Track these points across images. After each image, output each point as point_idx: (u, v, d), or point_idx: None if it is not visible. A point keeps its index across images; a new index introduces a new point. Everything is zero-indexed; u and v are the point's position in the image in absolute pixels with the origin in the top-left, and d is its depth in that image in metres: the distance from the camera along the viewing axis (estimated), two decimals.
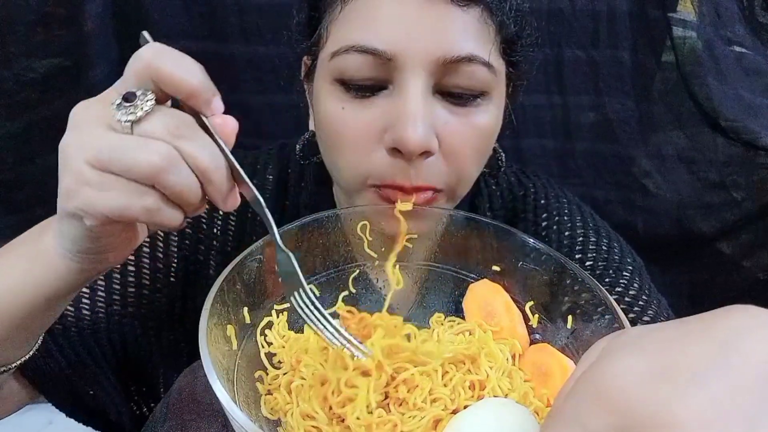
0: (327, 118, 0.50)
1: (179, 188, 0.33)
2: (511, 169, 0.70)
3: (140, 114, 0.33)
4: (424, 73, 0.46)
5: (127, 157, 0.32)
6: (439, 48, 0.46)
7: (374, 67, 0.47)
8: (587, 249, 0.59)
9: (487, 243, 0.50)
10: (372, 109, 0.48)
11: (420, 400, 0.39)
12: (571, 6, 0.84)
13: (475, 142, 0.50)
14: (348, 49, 0.47)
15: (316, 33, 0.52)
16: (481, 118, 0.50)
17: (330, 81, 0.49)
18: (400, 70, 0.46)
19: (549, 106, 0.91)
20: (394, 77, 0.47)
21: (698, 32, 0.82)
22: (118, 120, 0.33)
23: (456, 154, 0.49)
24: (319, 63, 0.52)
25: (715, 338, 0.22)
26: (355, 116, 0.48)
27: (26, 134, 0.77)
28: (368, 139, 0.48)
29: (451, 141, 0.48)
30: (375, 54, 0.46)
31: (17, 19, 0.72)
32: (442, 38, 0.46)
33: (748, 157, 0.85)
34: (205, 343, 0.34)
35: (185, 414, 0.45)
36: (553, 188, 0.68)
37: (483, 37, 0.48)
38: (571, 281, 0.45)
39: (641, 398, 0.21)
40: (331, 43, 0.49)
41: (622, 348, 0.24)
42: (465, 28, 0.47)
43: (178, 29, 0.84)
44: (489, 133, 0.52)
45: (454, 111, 0.49)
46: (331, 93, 0.49)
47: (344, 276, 0.51)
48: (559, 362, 0.43)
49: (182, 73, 0.34)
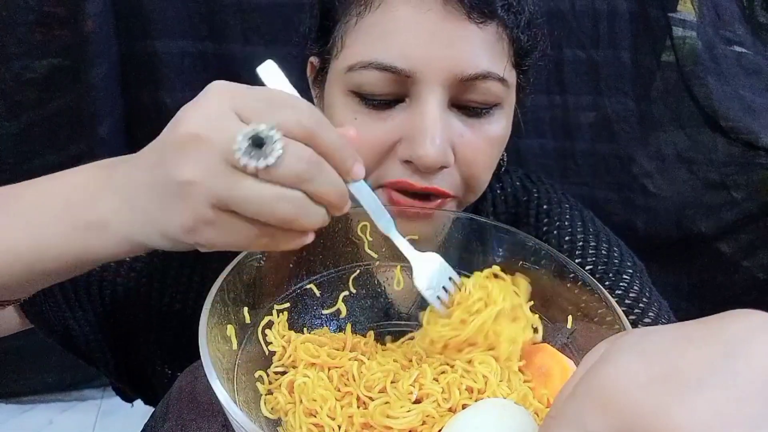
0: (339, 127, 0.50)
1: (306, 226, 0.34)
2: (517, 174, 0.70)
3: (271, 161, 0.31)
4: (440, 89, 0.47)
5: (263, 210, 0.32)
6: (457, 66, 0.46)
7: (392, 83, 0.47)
8: (587, 253, 0.60)
9: (487, 243, 0.51)
10: (387, 121, 0.49)
11: (406, 385, 0.39)
12: (571, 6, 0.84)
13: (489, 151, 0.51)
14: (367, 66, 0.47)
15: (330, 42, 0.52)
16: (494, 129, 0.51)
17: (344, 92, 0.50)
18: (418, 86, 0.47)
19: (549, 106, 0.91)
20: (411, 92, 0.48)
21: (698, 32, 0.82)
22: (245, 165, 0.31)
23: (470, 165, 0.50)
24: (332, 72, 0.52)
25: (718, 343, 0.22)
26: (368, 127, 0.49)
27: (26, 134, 0.77)
28: (381, 149, 0.49)
29: (465, 153, 0.49)
30: (394, 71, 0.46)
31: (17, 19, 0.72)
32: (460, 56, 0.47)
33: (748, 157, 0.85)
34: (205, 343, 0.34)
35: (185, 414, 0.45)
36: (556, 193, 0.68)
37: (498, 53, 0.49)
38: (572, 281, 0.45)
39: (642, 402, 0.21)
40: (348, 56, 0.49)
41: (624, 350, 0.23)
42: (481, 46, 0.47)
43: (178, 29, 0.84)
44: (501, 141, 0.53)
45: (468, 123, 0.50)
46: (346, 104, 0.50)
47: (344, 276, 0.51)
48: (559, 362, 0.43)
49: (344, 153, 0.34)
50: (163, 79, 0.85)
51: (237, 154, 0.31)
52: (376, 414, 0.37)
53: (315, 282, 0.49)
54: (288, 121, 0.32)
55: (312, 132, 0.33)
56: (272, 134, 0.31)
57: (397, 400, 0.39)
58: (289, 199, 0.32)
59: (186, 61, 0.86)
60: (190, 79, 0.86)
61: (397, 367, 0.42)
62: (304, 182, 0.32)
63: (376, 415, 0.37)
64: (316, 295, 0.49)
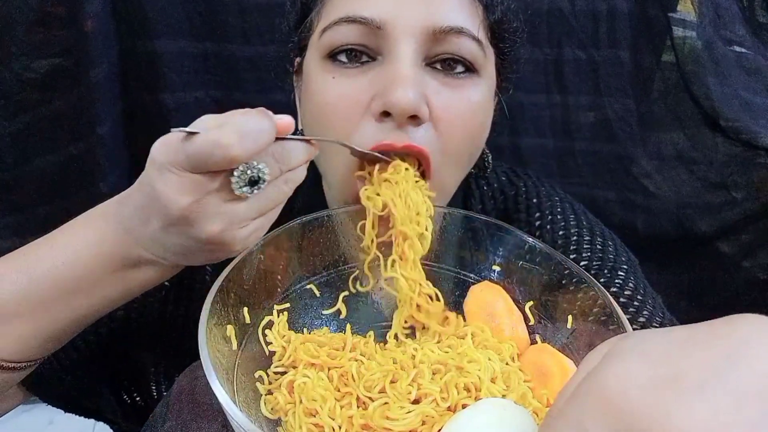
0: (316, 91, 0.50)
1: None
2: (501, 168, 0.70)
3: (263, 186, 0.38)
4: (413, 41, 0.47)
5: (275, 202, 0.41)
6: (429, 18, 0.47)
7: (364, 36, 0.47)
8: (582, 248, 0.59)
9: (486, 243, 0.50)
10: (360, 78, 0.48)
11: (405, 385, 0.39)
12: (571, 6, 0.84)
13: (466, 115, 0.50)
14: (338, 21, 0.48)
15: (307, 19, 0.53)
16: (472, 94, 0.50)
17: (320, 59, 0.50)
18: (390, 39, 0.47)
19: (549, 105, 0.91)
20: (384, 47, 0.48)
21: (698, 32, 0.81)
22: (247, 195, 0.38)
23: (446, 123, 0.49)
24: (310, 47, 0.52)
25: (721, 347, 0.21)
26: (343, 85, 0.49)
27: (26, 134, 0.77)
28: (356, 108, 0.48)
29: (441, 109, 0.48)
30: (364, 23, 0.47)
31: (17, 19, 0.72)
32: (432, 9, 0.47)
33: (748, 157, 0.85)
34: (205, 343, 0.34)
35: (185, 414, 0.45)
36: (543, 186, 0.68)
37: (471, 12, 0.49)
38: (571, 281, 0.45)
39: (643, 405, 0.21)
40: (322, 22, 0.50)
41: (625, 352, 0.23)
42: (454, 2, 0.48)
43: (178, 29, 0.84)
44: (479, 110, 0.51)
45: (445, 83, 0.49)
46: (322, 68, 0.50)
47: (344, 276, 0.51)
48: (559, 362, 0.43)
49: (262, 140, 0.36)
50: (163, 79, 0.85)
51: (242, 193, 0.38)
52: (375, 415, 0.37)
53: (315, 282, 0.49)
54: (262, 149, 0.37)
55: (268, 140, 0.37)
56: (259, 167, 0.38)
57: (396, 400, 0.39)
58: (288, 184, 0.41)
59: (186, 61, 0.85)
60: (190, 79, 0.86)
61: (396, 367, 0.42)
62: (288, 182, 0.41)
63: (375, 416, 0.37)
64: (316, 295, 0.49)
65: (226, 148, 0.34)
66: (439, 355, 0.43)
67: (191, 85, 0.85)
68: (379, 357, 0.43)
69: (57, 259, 0.41)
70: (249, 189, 0.37)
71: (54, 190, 0.77)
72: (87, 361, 0.58)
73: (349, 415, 0.38)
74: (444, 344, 0.45)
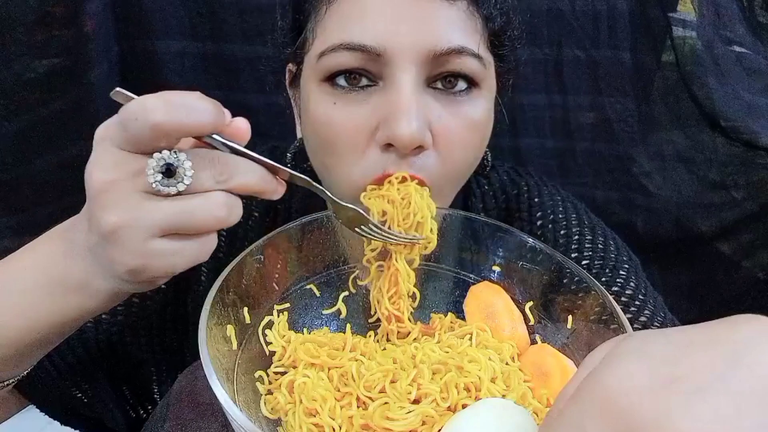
0: (319, 118, 0.49)
1: (236, 218, 0.36)
2: (503, 168, 0.70)
3: (187, 182, 0.33)
4: (414, 67, 0.46)
5: (196, 219, 0.34)
6: (428, 41, 0.46)
7: (363, 61, 0.46)
8: (583, 248, 0.59)
9: (486, 243, 0.50)
10: (364, 105, 0.48)
11: (405, 385, 0.39)
12: (571, 6, 0.84)
13: (468, 136, 0.50)
14: (336, 48, 0.47)
15: (302, 36, 0.52)
16: (473, 111, 0.49)
17: (318, 82, 0.49)
18: (390, 66, 0.46)
19: (549, 105, 0.91)
20: (384, 73, 0.47)
21: (698, 32, 0.81)
22: (167, 193, 0.33)
23: (449, 148, 0.49)
24: (306, 65, 0.51)
25: (722, 349, 0.21)
26: (347, 113, 0.48)
27: (26, 134, 0.77)
28: (362, 136, 0.48)
29: (444, 135, 0.48)
30: (364, 50, 0.46)
31: (17, 19, 0.72)
32: (431, 32, 0.46)
33: (748, 157, 0.85)
34: (205, 343, 0.34)
35: (185, 414, 0.45)
36: (546, 186, 0.67)
37: (470, 29, 0.48)
38: (571, 281, 0.45)
39: (643, 407, 0.20)
40: (319, 44, 0.49)
41: (626, 354, 0.23)
42: (452, 21, 0.47)
43: (178, 29, 0.84)
44: (481, 126, 0.51)
45: (446, 104, 0.48)
46: (321, 92, 0.49)
47: (344, 276, 0.51)
48: (559, 362, 0.43)
49: (194, 117, 0.33)
50: (163, 79, 0.85)
51: (155, 186, 0.33)
52: (375, 415, 0.37)
53: (315, 282, 0.49)
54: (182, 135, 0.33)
55: (204, 128, 0.34)
56: (180, 157, 0.33)
57: (396, 400, 0.39)
58: (216, 204, 0.34)
59: (186, 61, 0.86)
60: (190, 79, 0.86)
61: (396, 367, 0.42)
62: (222, 183, 0.35)
63: (375, 416, 0.37)
64: (316, 295, 0.49)
65: (150, 111, 0.32)
66: (439, 355, 0.43)
67: (191, 86, 0.85)
68: (379, 357, 0.43)
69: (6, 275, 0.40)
70: (161, 180, 0.33)
71: (54, 190, 0.77)
72: (86, 364, 0.58)
73: (349, 415, 0.38)
74: (444, 344, 0.45)
